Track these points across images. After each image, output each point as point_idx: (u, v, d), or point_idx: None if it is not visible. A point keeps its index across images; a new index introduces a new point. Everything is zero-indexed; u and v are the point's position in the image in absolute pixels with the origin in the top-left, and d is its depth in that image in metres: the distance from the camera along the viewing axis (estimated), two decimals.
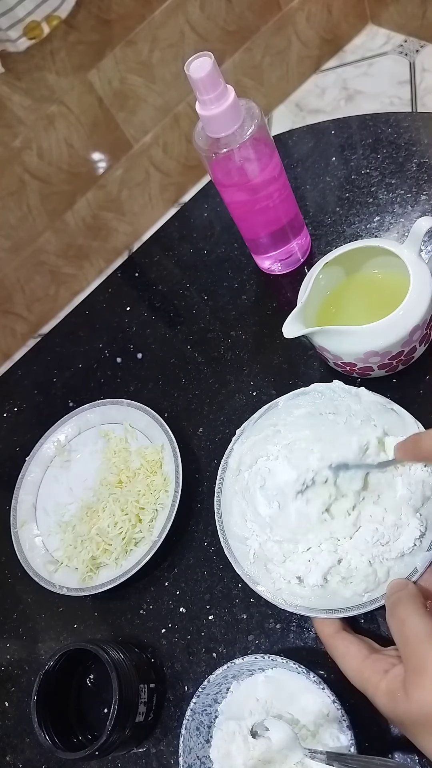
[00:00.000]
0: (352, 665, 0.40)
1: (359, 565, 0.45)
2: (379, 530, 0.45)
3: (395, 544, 0.45)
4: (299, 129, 0.76)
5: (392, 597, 0.41)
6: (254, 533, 0.49)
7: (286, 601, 0.46)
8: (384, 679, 0.38)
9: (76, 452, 0.65)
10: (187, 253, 0.74)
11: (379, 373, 0.53)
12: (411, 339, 0.49)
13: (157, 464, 0.58)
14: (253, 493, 0.50)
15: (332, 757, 0.39)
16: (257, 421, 0.54)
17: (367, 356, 0.50)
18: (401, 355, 0.51)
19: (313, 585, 0.45)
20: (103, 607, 0.57)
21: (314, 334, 0.51)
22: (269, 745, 0.43)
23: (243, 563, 0.48)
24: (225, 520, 0.51)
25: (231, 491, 0.52)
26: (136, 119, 1.57)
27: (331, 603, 0.45)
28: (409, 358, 0.52)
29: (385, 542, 0.45)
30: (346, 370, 0.54)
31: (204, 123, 0.51)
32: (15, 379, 0.77)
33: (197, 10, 1.51)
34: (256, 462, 0.52)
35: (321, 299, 0.56)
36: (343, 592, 0.45)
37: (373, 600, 0.44)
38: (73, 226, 1.62)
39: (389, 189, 0.66)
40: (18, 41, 1.27)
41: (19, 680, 0.57)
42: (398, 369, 0.53)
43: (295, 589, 0.46)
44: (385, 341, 0.49)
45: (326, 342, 0.51)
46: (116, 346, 0.72)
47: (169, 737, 0.49)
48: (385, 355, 0.50)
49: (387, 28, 1.79)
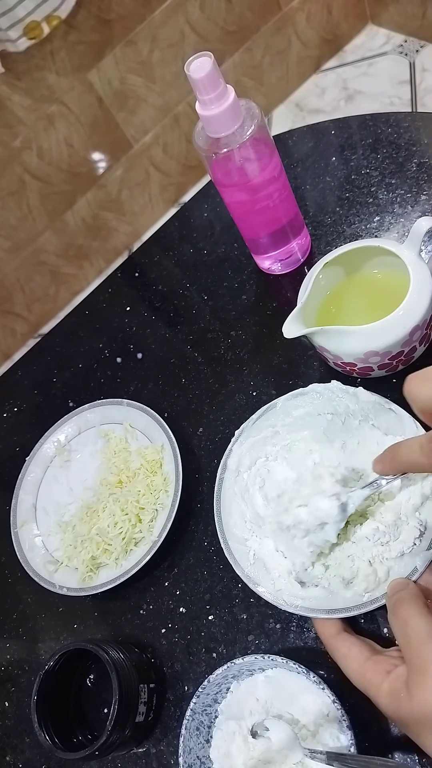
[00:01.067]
0: (353, 666, 0.40)
1: (360, 564, 0.45)
2: (380, 529, 0.45)
3: (395, 544, 0.45)
4: (299, 129, 0.76)
5: (393, 597, 0.41)
6: (254, 534, 0.49)
7: (286, 602, 0.46)
8: (386, 680, 0.38)
9: (76, 452, 0.65)
10: (187, 253, 0.74)
11: (380, 373, 0.53)
12: (411, 339, 0.49)
13: (157, 464, 0.58)
14: (252, 494, 0.50)
15: (332, 757, 0.39)
16: (256, 422, 0.53)
17: (368, 356, 0.50)
18: (401, 355, 0.51)
19: (313, 585, 0.45)
20: (103, 607, 0.57)
21: (314, 334, 0.51)
22: (269, 745, 0.43)
23: (243, 564, 0.48)
24: (224, 521, 0.51)
25: (230, 492, 0.52)
26: (136, 119, 1.57)
27: (331, 603, 0.45)
28: (409, 358, 0.52)
29: (385, 541, 0.45)
30: (346, 370, 0.54)
31: (204, 123, 0.51)
32: (15, 379, 0.77)
33: (197, 10, 1.51)
34: (255, 463, 0.52)
35: (321, 299, 0.56)
36: (344, 593, 0.45)
37: (374, 600, 0.44)
38: (73, 226, 1.62)
39: (389, 189, 0.66)
40: (18, 41, 1.27)
41: (19, 680, 0.57)
42: (398, 369, 0.53)
43: (296, 590, 0.46)
44: (385, 341, 0.49)
45: (326, 342, 0.51)
46: (116, 346, 0.72)
47: (169, 737, 0.49)
48: (385, 355, 0.50)
49: (387, 28, 1.79)
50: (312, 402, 0.52)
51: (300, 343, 0.61)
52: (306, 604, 0.45)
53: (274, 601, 0.46)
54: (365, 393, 0.50)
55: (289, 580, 0.46)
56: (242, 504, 0.51)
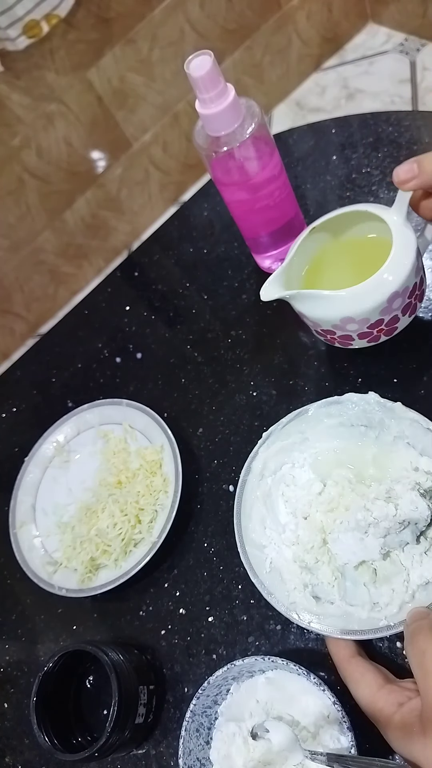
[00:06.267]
0: (365, 694, 0.39)
1: (394, 586, 0.43)
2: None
3: (422, 569, 0.43)
4: (300, 128, 0.76)
5: (412, 625, 0.40)
6: (273, 541, 0.48)
7: (299, 616, 0.44)
8: (398, 712, 0.37)
9: (75, 453, 0.64)
10: (186, 253, 0.74)
11: (361, 343, 0.51)
12: (391, 307, 0.47)
13: (156, 465, 0.58)
14: (275, 500, 0.49)
15: (332, 758, 0.39)
16: (285, 426, 0.52)
17: (344, 322, 0.48)
18: (382, 323, 0.49)
19: (328, 602, 0.44)
20: (102, 608, 0.57)
21: (292, 299, 0.49)
22: (269, 747, 0.43)
23: (259, 572, 0.47)
24: (243, 525, 0.49)
25: (252, 496, 0.50)
26: (135, 118, 1.57)
27: (346, 624, 0.43)
28: (392, 328, 0.50)
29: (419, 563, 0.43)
30: (327, 339, 0.52)
31: (204, 121, 0.51)
32: (14, 379, 0.77)
33: (197, 9, 1.50)
34: (281, 468, 0.50)
35: (307, 265, 0.54)
36: (360, 614, 0.43)
37: (390, 626, 0.42)
38: (73, 225, 1.62)
39: (390, 188, 0.66)
40: (17, 40, 1.26)
41: (18, 681, 0.57)
42: (381, 340, 0.51)
43: (311, 605, 0.44)
44: (362, 307, 0.46)
45: (304, 307, 0.49)
46: (115, 346, 0.72)
47: (168, 739, 0.49)
48: (363, 323, 0.48)
49: (388, 27, 1.79)
50: (346, 412, 0.50)
51: (300, 343, 0.61)
52: (319, 622, 0.44)
53: (286, 614, 0.45)
54: (403, 409, 0.47)
55: (305, 593, 0.45)
56: (263, 509, 0.49)
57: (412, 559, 0.44)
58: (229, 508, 0.52)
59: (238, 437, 0.59)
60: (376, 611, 0.43)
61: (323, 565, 0.46)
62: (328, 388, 0.57)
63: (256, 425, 0.59)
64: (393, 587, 0.43)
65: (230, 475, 0.57)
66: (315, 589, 0.45)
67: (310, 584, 0.45)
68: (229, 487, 0.57)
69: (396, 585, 0.43)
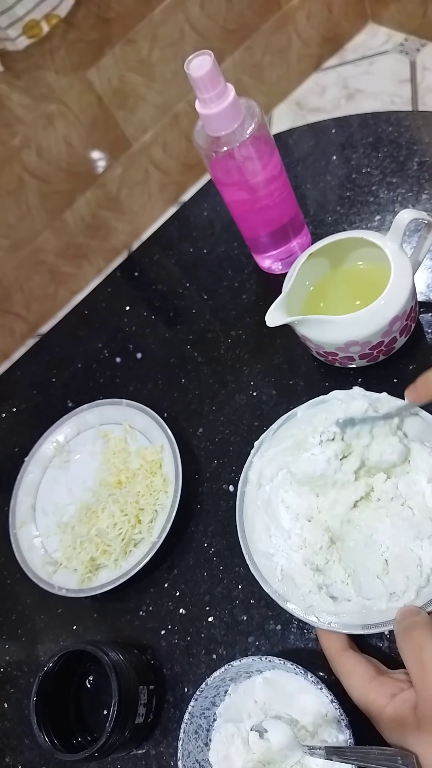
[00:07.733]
0: (357, 685, 0.40)
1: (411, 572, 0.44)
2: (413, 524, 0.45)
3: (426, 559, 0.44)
4: (300, 128, 0.76)
5: (404, 621, 0.40)
6: (280, 549, 0.48)
7: (318, 618, 0.44)
8: (390, 703, 0.37)
9: (75, 453, 0.64)
10: (186, 253, 0.74)
11: (361, 363, 0.53)
12: (391, 329, 0.50)
13: (156, 465, 0.58)
14: (276, 507, 0.49)
15: (331, 751, 0.39)
16: (276, 432, 0.52)
17: (348, 345, 0.51)
18: (381, 345, 0.51)
19: (345, 600, 0.44)
20: (102, 608, 0.56)
21: (296, 324, 0.51)
22: (268, 747, 0.43)
23: (271, 581, 0.47)
24: (248, 536, 0.49)
25: (253, 506, 0.50)
26: (135, 118, 1.57)
27: (366, 618, 0.43)
28: (389, 348, 0.53)
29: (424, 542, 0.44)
30: (328, 360, 0.55)
31: (204, 121, 0.51)
32: (14, 379, 0.77)
33: (197, 9, 1.50)
34: (278, 474, 0.51)
35: (306, 290, 0.57)
36: (379, 606, 0.43)
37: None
38: (73, 225, 1.62)
39: (390, 188, 0.66)
40: (17, 40, 1.26)
41: (18, 681, 0.57)
42: (379, 359, 0.54)
43: (328, 605, 0.44)
44: (365, 331, 0.49)
45: (308, 331, 0.52)
46: (115, 346, 0.72)
47: (168, 739, 0.49)
48: (365, 345, 0.50)
49: (387, 27, 1.79)
50: (333, 410, 0.51)
51: (300, 343, 0.61)
52: (339, 620, 0.44)
53: (305, 618, 0.45)
54: (389, 398, 0.49)
55: (320, 595, 0.45)
56: (266, 518, 0.49)
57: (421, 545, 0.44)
58: (229, 508, 0.52)
59: (238, 437, 0.59)
60: (394, 601, 0.43)
61: (334, 564, 0.46)
62: (328, 389, 0.57)
63: (256, 425, 0.59)
64: (407, 574, 0.44)
65: (230, 475, 0.57)
66: (330, 589, 0.45)
67: (324, 585, 0.45)
68: (229, 487, 0.57)
69: (410, 571, 0.44)
